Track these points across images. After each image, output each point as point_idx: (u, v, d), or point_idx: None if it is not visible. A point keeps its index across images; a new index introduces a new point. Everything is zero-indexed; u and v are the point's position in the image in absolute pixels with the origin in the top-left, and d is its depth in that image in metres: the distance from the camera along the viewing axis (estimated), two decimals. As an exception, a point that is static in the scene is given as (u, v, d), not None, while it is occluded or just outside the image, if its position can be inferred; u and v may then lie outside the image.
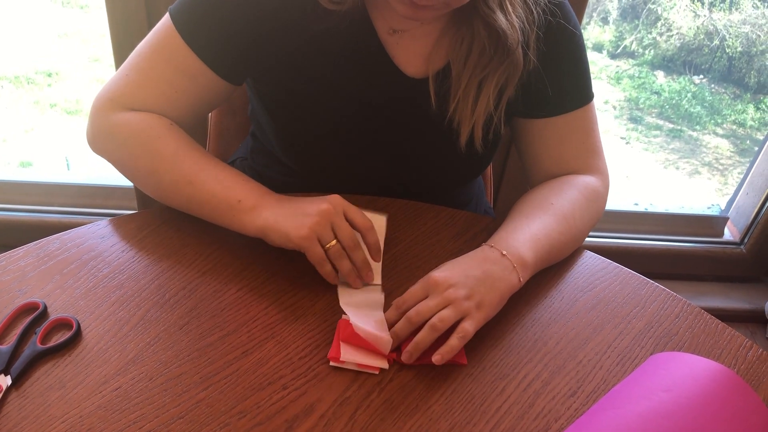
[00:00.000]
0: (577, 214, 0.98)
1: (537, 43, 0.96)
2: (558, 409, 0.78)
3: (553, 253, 0.94)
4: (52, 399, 0.73)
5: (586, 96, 1.04)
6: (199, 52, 0.93)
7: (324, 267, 0.87)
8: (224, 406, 0.75)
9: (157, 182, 0.94)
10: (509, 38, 0.91)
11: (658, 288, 0.96)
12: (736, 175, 3.56)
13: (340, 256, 0.87)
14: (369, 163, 1.06)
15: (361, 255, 0.88)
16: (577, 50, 1.02)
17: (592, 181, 1.04)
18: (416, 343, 0.79)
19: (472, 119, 0.97)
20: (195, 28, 0.92)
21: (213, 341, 0.81)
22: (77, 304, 0.84)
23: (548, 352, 0.85)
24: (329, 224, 0.86)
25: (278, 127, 1.05)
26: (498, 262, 0.87)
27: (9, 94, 3.62)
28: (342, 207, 0.87)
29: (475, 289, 0.82)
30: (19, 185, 1.96)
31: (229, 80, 0.97)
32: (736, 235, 2.17)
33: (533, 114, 1.04)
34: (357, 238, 0.88)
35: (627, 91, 4.09)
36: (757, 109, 3.95)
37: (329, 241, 0.86)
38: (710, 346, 0.88)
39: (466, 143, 1.00)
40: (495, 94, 0.96)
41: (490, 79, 0.95)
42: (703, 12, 3.99)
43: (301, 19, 0.93)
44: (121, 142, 0.95)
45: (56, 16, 4.14)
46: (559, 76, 1.01)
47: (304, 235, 0.85)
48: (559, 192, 1.00)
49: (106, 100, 0.96)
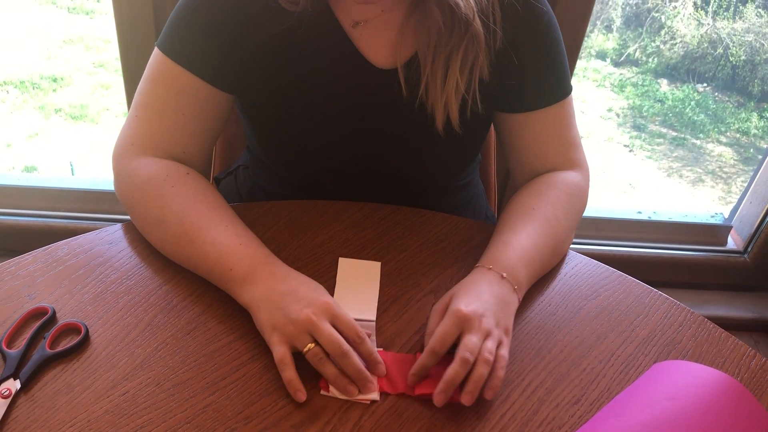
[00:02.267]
0: (560, 214, 0.99)
1: (504, 27, 0.96)
2: (562, 417, 0.78)
3: (545, 261, 0.96)
4: (60, 403, 0.74)
5: (563, 89, 1.05)
6: (188, 66, 0.94)
7: (284, 372, 0.77)
8: (231, 411, 0.75)
9: (162, 234, 0.92)
10: (462, 8, 0.91)
11: (662, 296, 0.96)
12: (740, 184, 3.56)
13: (319, 362, 0.78)
14: (351, 159, 1.06)
15: (352, 364, 0.78)
16: (551, 42, 1.01)
17: (573, 176, 1.05)
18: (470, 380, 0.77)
19: (443, 99, 0.97)
20: (179, 46, 0.95)
21: (219, 347, 0.82)
22: (85, 309, 0.85)
23: (552, 359, 0.85)
24: (305, 332, 0.78)
25: (258, 130, 1.07)
26: (502, 285, 0.87)
27: (14, 99, 3.63)
28: (328, 315, 0.80)
29: (498, 316, 0.83)
30: (24, 190, 1.97)
31: (220, 87, 0.97)
32: (740, 243, 2.17)
33: (512, 108, 1.04)
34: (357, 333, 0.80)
35: (630, 98, 4.10)
36: (760, 118, 3.96)
37: (304, 346, 0.78)
38: (713, 355, 0.88)
39: (444, 126, 0.99)
40: (464, 72, 0.96)
41: (454, 57, 0.94)
42: (707, 20, 3.99)
43: (265, 19, 0.95)
44: (135, 186, 0.94)
45: (62, 22, 4.16)
46: (535, 69, 1.01)
47: (272, 340, 0.80)
48: (538, 195, 1.01)
49: (126, 146, 0.97)
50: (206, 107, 0.98)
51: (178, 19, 0.96)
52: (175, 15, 0.96)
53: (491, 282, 0.87)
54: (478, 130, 1.08)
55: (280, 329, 0.79)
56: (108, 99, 3.72)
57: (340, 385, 0.78)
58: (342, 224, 1.02)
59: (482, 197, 1.29)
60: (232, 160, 1.32)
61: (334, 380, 0.78)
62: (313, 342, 0.78)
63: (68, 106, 3.63)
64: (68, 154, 3.40)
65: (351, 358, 0.78)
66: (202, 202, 0.92)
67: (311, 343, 0.78)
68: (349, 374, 0.78)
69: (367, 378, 0.78)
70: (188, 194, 0.92)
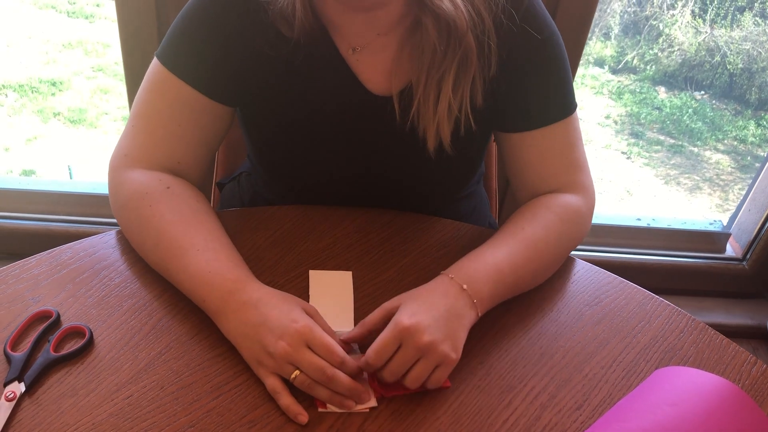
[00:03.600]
0: (551, 240, 0.96)
1: (499, 45, 0.95)
2: (564, 422, 0.79)
3: (519, 283, 0.93)
4: (65, 406, 0.74)
5: (565, 108, 1.01)
6: (184, 76, 0.94)
7: (280, 400, 0.77)
8: (234, 415, 0.75)
9: (145, 256, 0.92)
10: (457, 22, 0.90)
11: (663, 303, 0.97)
12: (737, 191, 3.58)
13: (309, 387, 0.77)
14: (345, 177, 1.06)
15: (342, 383, 0.77)
16: (551, 58, 0.99)
17: (572, 201, 1.01)
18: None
19: (435, 122, 0.95)
20: (176, 56, 0.95)
21: (223, 351, 0.82)
22: (89, 313, 0.85)
23: (555, 365, 0.86)
24: (286, 363, 0.77)
25: (253, 143, 1.08)
26: (459, 298, 0.84)
27: (13, 103, 3.63)
28: (304, 342, 0.78)
29: (447, 330, 0.80)
30: (22, 194, 1.97)
31: (217, 99, 0.97)
32: (739, 251, 2.18)
33: (512, 128, 1.02)
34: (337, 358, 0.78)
35: (628, 106, 4.11)
36: (758, 126, 3.97)
37: (290, 375, 0.77)
38: (715, 361, 0.88)
39: (436, 149, 0.98)
40: (457, 93, 0.95)
41: (447, 78, 0.93)
42: (705, 28, 4.01)
43: (263, 41, 0.95)
44: (120, 204, 0.94)
45: (62, 26, 4.16)
46: (534, 87, 0.99)
47: (259, 372, 0.79)
48: (532, 217, 0.98)
49: (120, 157, 0.97)
50: (203, 118, 0.98)
51: (178, 30, 0.96)
52: (175, 26, 0.96)
53: (447, 293, 0.84)
54: (475, 149, 1.07)
55: (262, 362, 0.79)
56: (107, 103, 3.72)
57: (335, 402, 0.77)
58: (345, 229, 1.02)
59: (485, 206, 1.29)
60: (234, 166, 1.33)
61: (329, 400, 0.77)
62: (298, 369, 0.77)
63: (67, 110, 3.63)
64: (66, 157, 3.40)
65: (338, 380, 0.76)
66: (177, 224, 0.90)
67: (296, 370, 0.77)
68: (342, 393, 0.77)
69: (360, 390, 0.78)
70: (165, 216, 0.90)
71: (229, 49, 0.95)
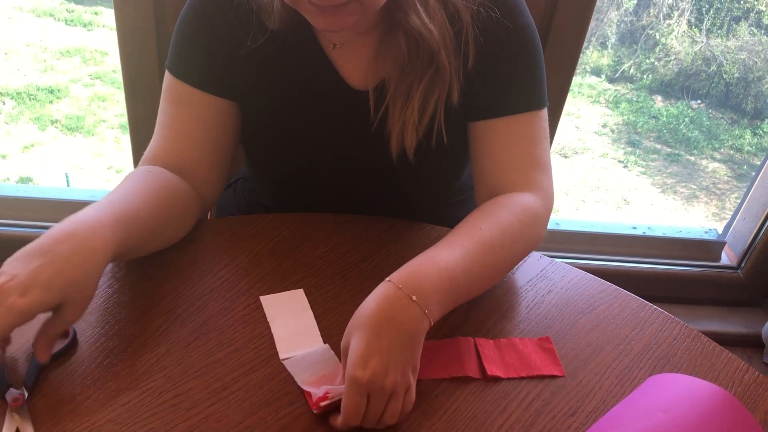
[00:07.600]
0: (506, 243, 0.91)
1: (476, 43, 0.95)
2: (558, 429, 0.79)
3: (472, 289, 0.89)
4: (63, 412, 0.75)
5: (532, 101, 1.00)
6: (180, 75, 1.00)
7: None
8: (232, 421, 0.76)
9: None
10: (428, 41, 0.91)
11: (657, 310, 0.97)
12: (733, 200, 3.59)
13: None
14: (328, 175, 1.09)
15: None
16: (522, 49, 0.99)
17: (531, 202, 0.97)
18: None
19: (399, 126, 0.96)
20: (179, 62, 1.01)
21: (221, 357, 0.83)
22: (87, 320, 0.86)
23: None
24: None
25: (243, 140, 1.09)
26: (407, 310, 0.78)
27: (10, 110, 3.64)
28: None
29: (404, 362, 0.76)
30: (19, 201, 1.97)
31: (211, 92, 1.00)
32: (734, 259, 2.19)
33: (476, 116, 1.02)
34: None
35: (625, 115, 4.13)
36: (754, 135, 3.99)
37: None
38: (707, 369, 0.89)
39: (398, 155, 0.99)
40: (429, 104, 0.95)
41: (416, 86, 0.94)
42: (701, 38, 4.03)
43: (245, 33, 0.98)
44: None
45: (60, 34, 4.17)
46: (503, 75, 0.99)
47: None
48: (490, 216, 0.93)
49: (142, 162, 1.01)
50: (211, 117, 1.01)
51: (174, 36, 1.02)
52: (173, 34, 1.02)
53: (393, 307, 0.77)
54: (450, 161, 1.08)
55: None
56: (104, 111, 3.73)
57: None
58: (342, 236, 1.03)
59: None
60: (231, 173, 1.33)
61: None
62: None
63: (64, 118, 3.64)
64: (64, 165, 3.41)
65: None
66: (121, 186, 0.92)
67: None
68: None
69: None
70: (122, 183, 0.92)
71: (217, 43, 0.99)
